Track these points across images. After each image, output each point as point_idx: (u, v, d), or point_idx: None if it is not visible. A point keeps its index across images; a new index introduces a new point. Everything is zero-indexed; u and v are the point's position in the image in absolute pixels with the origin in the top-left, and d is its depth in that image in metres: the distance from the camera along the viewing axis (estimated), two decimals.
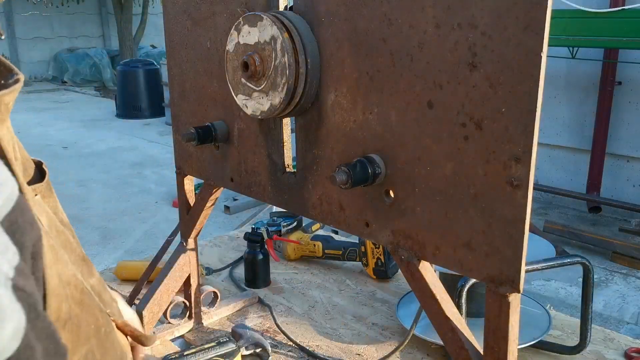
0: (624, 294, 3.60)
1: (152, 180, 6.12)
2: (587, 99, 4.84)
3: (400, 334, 1.34)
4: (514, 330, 0.72)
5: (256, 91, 0.92)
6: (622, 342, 1.27)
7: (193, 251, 1.32)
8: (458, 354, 0.79)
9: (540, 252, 1.18)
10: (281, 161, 1.02)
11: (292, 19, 0.88)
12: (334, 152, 0.90)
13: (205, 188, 1.22)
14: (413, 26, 0.75)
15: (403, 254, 0.83)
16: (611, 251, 4.03)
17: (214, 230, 4.52)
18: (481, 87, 0.68)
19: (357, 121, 0.85)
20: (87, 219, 4.96)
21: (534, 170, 0.66)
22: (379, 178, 0.82)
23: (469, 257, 0.74)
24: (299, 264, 1.74)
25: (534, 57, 0.63)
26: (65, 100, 11.35)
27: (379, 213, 0.85)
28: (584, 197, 4.89)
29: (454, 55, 0.70)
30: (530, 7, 0.62)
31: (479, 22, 0.67)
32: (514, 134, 0.66)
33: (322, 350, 1.28)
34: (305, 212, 0.99)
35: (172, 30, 1.19)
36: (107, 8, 14.22)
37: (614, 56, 4.54)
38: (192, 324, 1.37)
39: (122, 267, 1.67)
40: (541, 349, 1.23)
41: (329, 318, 1.42)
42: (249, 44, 0.91)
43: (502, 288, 0.71)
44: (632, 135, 4.67)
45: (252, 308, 1.48)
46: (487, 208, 0.70)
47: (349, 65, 0.84)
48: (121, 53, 12.38)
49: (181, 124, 1.23)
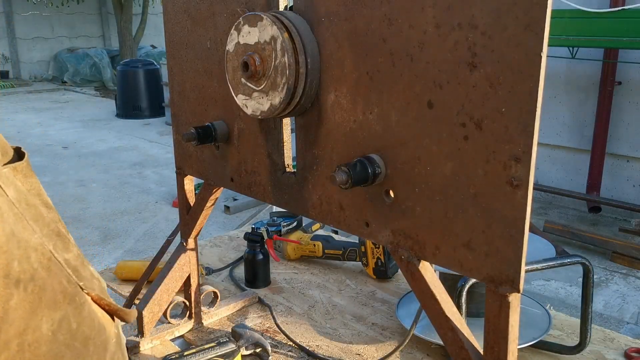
0: (624, 294, 3.60)
1: (152, 180, 6.12)
2: (587, 99, 4.84)
3: (400, 334, 1.34)
4: (514, 330, 0.72)
5: (256, 91, 0.92)
6: (622, 342, 1.27)
7: (193, 251, 1.32)
8: (458, 353, 0.79)
9: (540, 252, 1.18)
10: (281, 161, 1.02)
11: (292, 19, 0.88)
12: (334, 152, 0.90)
13: (205, 188, 1.22)
14: (413, 26, 0.75)
15: (403, 253, 0.83)
16: (611, 251, 4.03)
17: (214, 230, 4.52)
18: (481, 87, 0.68)
19: (357, 121, 0.85)
20: (87, 219, 4.96)
21: (534, 170, 0.66)
22: (379, 178, 0.82)
23: (469, 257, 0.74)
24: (299, 264, 1.74)
25: (534, 57, 0.63)
26: (65, 100, 11.35)
27: (379, 213, 0.85)
28: (584, 197, 4.89)
29: (454, 55, 0.70)
30: (530, 7, 0.62)
31: (479, 22, 0.67)
32: (514, 134, 0.66)
33: (322, 350, 1.28)
34: (305, 212, 0.99)
35: (172, 30, 1.19)
36: (107, 8, 14.23)
37: (614, 56, 4.54)
38: (192, 324, 1.37)
39: (122, 267, 1.67)
40: (541, 349, 1.23)
41: (329, 318, 1.42)
42: (249, 44, 0.91)
43: (502, 288, 0.71)
44: (632, 135, 4.67)
45: (252, 308, 1.48)
46: (487, 208, 0.70)
47: (349, 65, 0.84)
48: (121, 53, 12.38)
49: (181, 124, 1.23)
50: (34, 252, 0.54)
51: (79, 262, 0.61)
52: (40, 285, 0.54)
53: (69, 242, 0.60)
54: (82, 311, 0.59)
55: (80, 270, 0.60)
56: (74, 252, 0.61)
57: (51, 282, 0.55)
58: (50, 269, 0.56)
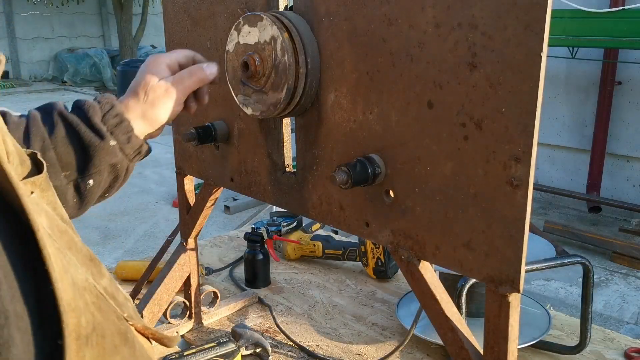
0: (624, 294, 3.60)
1: (152, 180, 6.12)
2: (587, 99, 4.84)
3: (400, 334, 1.34)
4: (514, 330, 0.72)
5: (256, 91, 0.92)
6: (622, 342, 1.27)
7: (193, 251, 1.32)
8: (458, 353, 0.79)
9: (540, 252, 1.18)
10: (281, 161, 1.02)
11: (292, 19, 0.88)
12: (334, 152, 0.90)
13: (205, 188, 1.22)
14: (413, 26, 0.75)
15: (403, 253, 0.83)
16: (611, 251, 4.04)
17: (214, 230, 4.52)
18: (481, 87, 0.68)
19: (357, 121, 0.85)
20: (87, 219, 4.96)
21: (534, 170, 0.66)
22: (379, 178, 0.82)
23: (469, 257, 0.74)
24: (299, 264, 1.74)
25: (534, 57, 0.63)
26: (66, 101, 11.28)
27: (379, 213, 0.85)
28: (584, 197, 4.89)
29: (454, 55, 0.70)
30: (530, 7, 0.62)
31: (479, 22, 0.67)
32: (514, 134, 0.66)
33: (322, 350, 1.28)
34: (305, 212, 0.99)
35: (172, 30, 1.19)
36: (107, 8, 14.23)
37: (614, 56, 4.54)
38: (192, 324, 1.37)
39: (122, 267, 1.67)
40: (541, 349, 1.23)
41: (329, 318, 1.42)
42: (249, 44, 0.91)
43: (502, 288, 0.71)
44: (632, 135, 4.67)
45: (252, 308, 1.48)
46: (487, 208, 0.70)
47: (349, 65, 0.84)
48: (121, 53, 12.38)
49: (181, 124, 1.23)
50: (88, 294, 0.47)
51: (113, 287, 0.55)
52: (101, 333, 0.47)
53: (100, 264, 0.54)
54: (135, 350, 0.53)
55: (116, 296, 0.54)
56: (107, 275, 0.55)
57: (108, 326, 0.49)
58: (102, 309, 0.49)
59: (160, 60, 0.88)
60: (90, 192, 0.81)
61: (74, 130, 0.79)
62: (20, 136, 0.76)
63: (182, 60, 0.91)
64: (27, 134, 0.76)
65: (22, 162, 0.51)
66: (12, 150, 0.48)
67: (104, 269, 0.54)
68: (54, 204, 0.53)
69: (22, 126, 0.77)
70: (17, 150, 0.51)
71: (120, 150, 0.81)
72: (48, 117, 0.80)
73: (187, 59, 0.92)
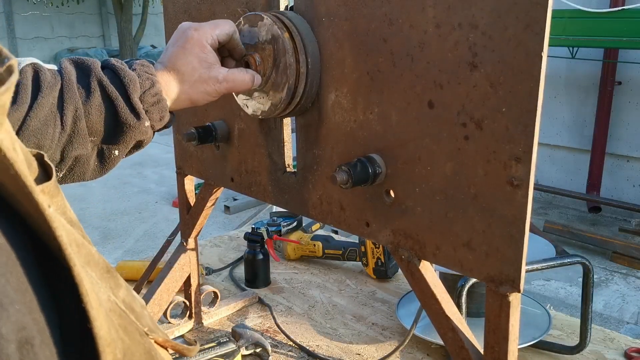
0: (624, 294, 3.60)
1: (152, 180, 6.12)
2: (587, 99, 4.84)
3: (400, 333, 1.34)
4: (514, 330, 0.72)
5: (257, 91, 0.92)
6: (622, 342, 1.27)
7: (193, 251, 1.32)
8: (458, 353, 0.79)
9: (540, 252, 1.18)
10: (281, 161, 1.02)
11: (292, 19, 0.88)
12: (335, 152, 0.90)
13: (206, 188, 1.22)
14: (413, 26, 0.75)
15: (403, 253, 0.83)
16: (611, 251, 4.04)
17: (214, 230, 4.52)
18: (481, 87, 0.68)
19: (357, 121, 0.85)
20: (87, 219, 4.96)
21: (534, 170, 0.66)
22: (380, 178, 0.82)
23: (469, 256, 0.74)
24: (299, 264, 1.74)
25: (534, 57, 0.63)
26: None
27: (379, 213, 0.85)
28: (584, 197, 4.89)
29: (455, 55, 0.70)
30: (530, 7, 0.62)
31: (479, 22, 0.67)
32: (514, 134, 0.66)
33: (322, 350, 1.28)
34: (306, 212, 0.99)
35: (172, 30, 1.19)
36: (107, 8, 14.22)
37: (614, 56, 4.54)
38: (192, 324, 1.37)
39: (122, 267, 1.67)
40: (541, 349, 1.23)
41: (329, 318, 1.42)
42: (250, 44, 0.91)
43: (502, 288, 0.71)
44: (632, 135, 4.67)
45: (252, 308, 1.48)
46: (488, 208, 0.70)
47: (349, 65, 0.84)
48: (121, 53, 12.38)
49: (181, 123, 1.23)
50: (114, 316, 0.44)
51: (130, 296, 0.51)
52: (130, 358, 0.44)
53: (117, 275, 0.50)
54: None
55: (134, 307, 0.51)
56: (124, 285, 0.51)
57: (136, 348, 0.46)
58: (127, 330, 0.46)
59: (204, 38, 0.82)
60: (113, 159, 0.80)
61: (111, 103, 0.76)
62: (55, 101, 0.72)
63: (223, 39, 0.86)
64: (60, 99, 0.73)
65: (29, 165, 0.46)
66: (22, 158, 0.43)
67: (120, 279, 0.51)
68: (63, 207, 0.49)
69: (57, 87, 0.73)
70: (25, 155, 0.46)
71: (151, 127, 0.80)
72: (84, 79, 0.76)
73: (228, 38, 0.87)
